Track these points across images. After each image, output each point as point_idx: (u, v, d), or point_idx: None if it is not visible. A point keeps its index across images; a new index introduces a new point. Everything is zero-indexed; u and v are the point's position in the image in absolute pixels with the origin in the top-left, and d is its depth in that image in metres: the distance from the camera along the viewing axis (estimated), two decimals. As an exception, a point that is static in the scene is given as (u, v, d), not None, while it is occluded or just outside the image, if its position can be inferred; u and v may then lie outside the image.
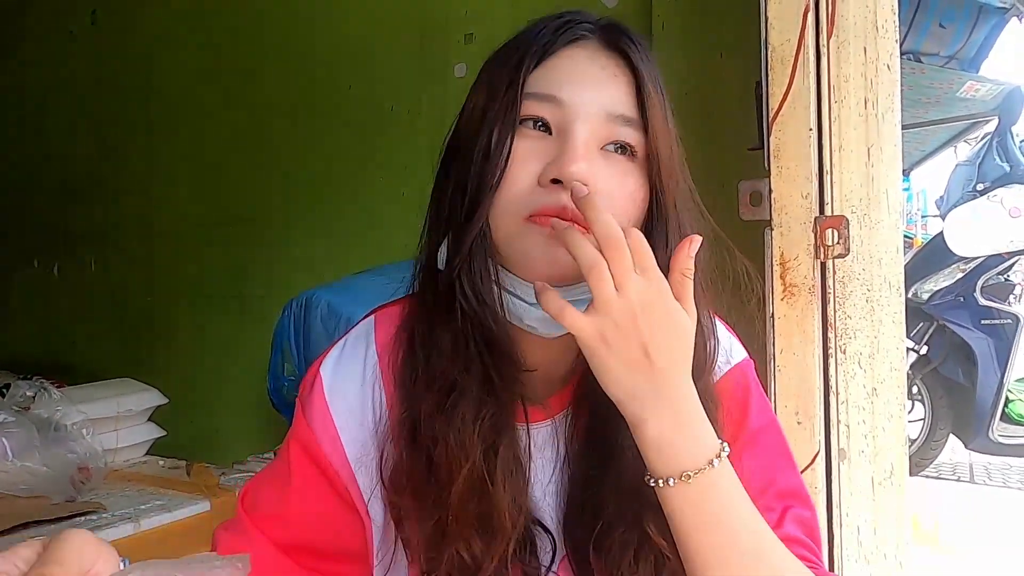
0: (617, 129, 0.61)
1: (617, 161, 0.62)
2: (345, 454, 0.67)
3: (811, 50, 1.07)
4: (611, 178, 0.61)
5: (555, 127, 0.61)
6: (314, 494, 0.68)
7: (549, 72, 0.62)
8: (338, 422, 0.68)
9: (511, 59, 0.63)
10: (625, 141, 0.62)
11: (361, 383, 0.68)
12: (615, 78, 0.62)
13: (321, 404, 0.68)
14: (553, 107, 0.61)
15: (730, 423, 0.65)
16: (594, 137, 0.61)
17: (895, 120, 1.08)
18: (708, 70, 1.53)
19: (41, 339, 3.16)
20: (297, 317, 1.69)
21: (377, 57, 2.24)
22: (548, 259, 0.59)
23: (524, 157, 0.61)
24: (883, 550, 1.09)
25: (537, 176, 0.60)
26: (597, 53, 0.63)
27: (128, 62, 2.84)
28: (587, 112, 0.61)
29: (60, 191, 3.10)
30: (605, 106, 0.61)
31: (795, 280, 1.07)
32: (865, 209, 1.08)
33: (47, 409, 1.54)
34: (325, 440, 0.67)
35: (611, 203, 0.59)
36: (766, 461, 0.66)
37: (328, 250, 2.32)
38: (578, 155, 0.59)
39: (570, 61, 0.63)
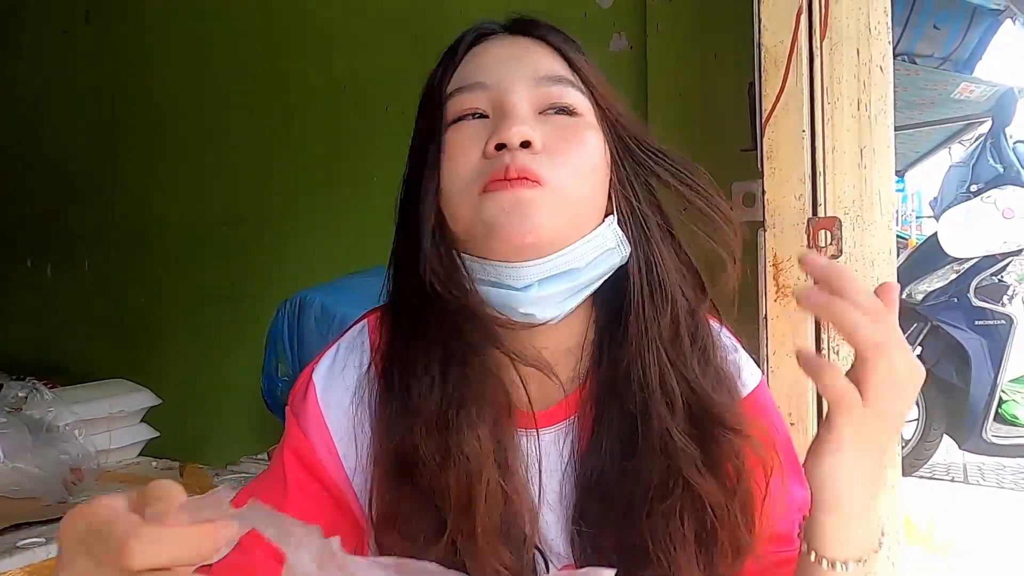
0: (549, 90, 0.61)
1: (561, 120, 0.62)
2: (341, 462, 0.65)
3: (804, 51, 1.07)
4: (556, 134, 0.61)
5: (490, 108, 0.61)
6: (310, 503, 0.66)
7: (466, 68, 0.64)
8: (333, 430, 0.66)
9: (430, 81, 0.66)
10: (563, 101, 0.62)
11: (355, 390, 0.66)
12: (531, 50, 0.63)
13: (316, 412, 0.66)
14: (480, 92, 0.61)
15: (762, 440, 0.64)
16: (530, 103, 0.61)
17: (888, 121, 1.09)
18: (701, 71, 1.53)
19: (34, 340, 3.14)
20: (291, 318, 1.68)
21: (372, 57, 2.24)
22: (511, 227, 0.58)
23: (463, 144, 0.61)
24: (876, 550, 1.10)
25: (482, 153, 0.60)
26: (505, 39, 0.65)
27: (122, 61, 2.84)
28: (514, 82, 0.61)
29: (54, 191, 3.09)
30: (531, 72, 0.62)
31: (788, 281, 1.07)
32: (858, 210, 1.08)
33: (39, 410, 1.54)
34: (321, 448, 0.65)
35: (563, 158, 0.60)
36: (796, 475, 0.65)
37: (323, 250, 2.32)
38: (516, 117, 0.59)
39: (484, 51, 0.64)
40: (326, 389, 0.67)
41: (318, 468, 0.65)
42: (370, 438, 0.65)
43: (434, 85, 0.65)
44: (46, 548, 1.19)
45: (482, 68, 0.63)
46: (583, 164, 0.61)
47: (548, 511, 0.65)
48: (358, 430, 0.66)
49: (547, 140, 0.60)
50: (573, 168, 0.60)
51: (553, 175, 0.59)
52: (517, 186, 0.58)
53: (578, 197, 0.60)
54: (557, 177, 0.59)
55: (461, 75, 0.63)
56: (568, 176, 0.60)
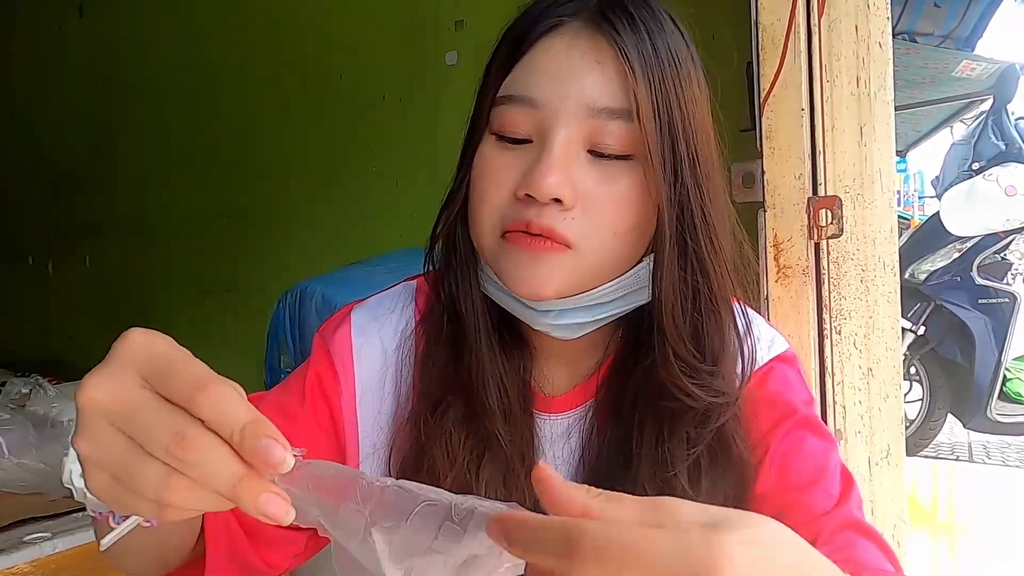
0: (604, 126, 0.55)
1: (608, 166, 0.56)
2: (356, 403, 0.66)
3: (802, 29, 1.06)
4: (596, 184, 0.55)
5: (534, 132, 0.56)
6: (316, 429, 0.67)
7: (526, 69, 0.57)
8: (358, 371, 0.67)
9: (493, 57, 0.60)
10: (614, 145, 0.55)
11: (392, 345, 0.67)
12: (598, 65, 0.55)
13: (345, 343, 0.67)
14: (528, 110, 0.56)
15: (773, 411, 0.63)
16: (578, 138, 0.55)
17: (888, 99, 1.07)
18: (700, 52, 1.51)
19: (37, 336, 3.15)
20: (292, 309, 1.68)
21: (368, 46, 2.23)
22: (525, 280, 0.56)
23: (496, 173, 0.57)
24: (881, 529, 1.09)
25: (513, 189, 0.56)
26: (578, 39, 0.56)
27: (118, 56, 2.82)
28: (566, 111, 0.55)
29: (53, 187, 3.09)
30: (586, 100, 0.55)
31: (789, 261, 1.07)
32: (858, 189, 1.07)
33: (43, 406, 1.54)
34: (342, 379, 0.66)
35: (599, 216, 0.55)
36: (819, 444, 0.64)
37: (323, 241, 2.32)
38: (551, 167, 0.54)
39: (546, 54, 0.56)
40: (363, 329, 0.68)
41: (332, 397, 0.66)
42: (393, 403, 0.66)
43: (491, 66, 0.59)
44: (52, 543, 1.20)
45: (538, 77, 0.56)
46: (621, 222, 0.56)
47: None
48: (384, 388, 0.66)
49: (586, 189, 0.55)
50: (609, 228, 0.56)
51: (583, 238, 0.55)
52: (537, 246, 0.55)
53: (609, 257, 0.57)
54: (587, 240, 0.55)
55: (517, 76, 0.57)
56: (600, 238, 0.56)
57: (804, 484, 0.61)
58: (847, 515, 0.60)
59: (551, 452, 0.66)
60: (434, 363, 0.64)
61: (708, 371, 0.59)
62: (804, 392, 0.67)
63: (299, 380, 0.68)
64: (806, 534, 0.58)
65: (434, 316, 0.65)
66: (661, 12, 0.58)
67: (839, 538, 0.58)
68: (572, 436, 0.66)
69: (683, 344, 0.59)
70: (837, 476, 0.63)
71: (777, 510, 0.61)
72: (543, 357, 0.66)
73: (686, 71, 0.57)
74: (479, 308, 0.62)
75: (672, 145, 0.55)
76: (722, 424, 0.60)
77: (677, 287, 0.58)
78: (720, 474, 0.60)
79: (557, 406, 0.66)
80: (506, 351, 0.63)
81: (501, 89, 0.58)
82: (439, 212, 0.64)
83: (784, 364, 0.67)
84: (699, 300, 0.59)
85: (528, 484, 0.63)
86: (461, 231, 0.62)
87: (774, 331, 0.70)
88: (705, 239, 0.58)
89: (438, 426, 0.61)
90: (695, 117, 0.57)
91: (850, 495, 0.62)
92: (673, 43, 0.57)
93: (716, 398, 0.59)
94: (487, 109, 0.58)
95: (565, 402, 0.66)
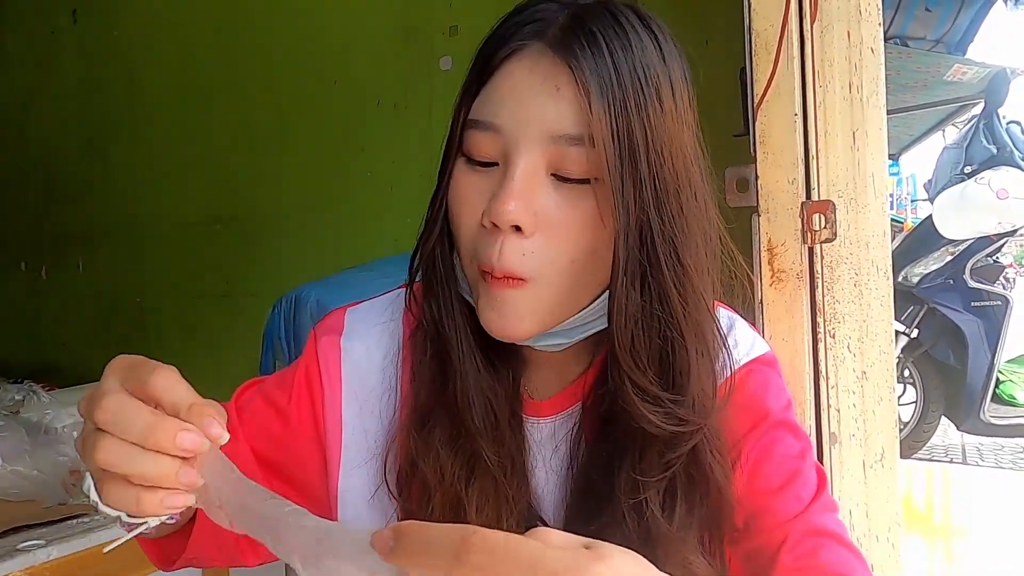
0: (565, 151, 0.54)
1: (569, 191, 0.56)
2: (340, 406, 0.68)
3: (795, 35, 1.07)
4: (558, 207, 0.55)
5: (499, 157, 0.56)
6: (301, 426, 0.69)
7: (490, 93, 0.57)
8: (346, 372, 0.69)
9: (467, 76, 0.60)
10: (574, 171, 0.55)
11: (383, 352, 0.69)
12: (557, 91, 0.54)
13: (335, 346, 0.69)
14: (493, 136, 0.56)
15: (749, 414, 0.64)
16: (540, 163, 0.55)
17: (880, 103, 1.08)
18: (694, 58, 1.52)
19: (30, 342, 3.14)
20: (287, 315, 1.68)
21: (362, 52, 2.23)
22: (495, 321, 0.57)
23: (468, 197, 0.58)
24: (875, 532, 1.10)
25: (480, 218, 0.56)
26: (539, 63, 0.55)
27: (111, 61, 2.82)
28: (527, 137, 0.54)
29: (46, 193, 3.08)
30: (546, 127, 0.54)
31: (783, 266, 1.07)
32: (852, 193, 1.08)
33: (36, 412, 1.53)
34: (327, 381, 0.69)
35: (559, 243, 0.56)
36: (793, 448, 0.64)
37: (317, 247, 2.31)
38: (511, 194, 0.54)
39: (509, 79, 0.56)
40: (354, 335, 0.70)
41: (317, 396, 0.69)
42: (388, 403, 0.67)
43: (464, 91, 0.60)
44: (46, 550, 1.19)
45: (500, 103, 0.56)
46: (579, 248, 0.56)
47: (548, 502, 0.66)
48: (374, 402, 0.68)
49: (548, 214, 0.55)
50: (567, 255, 0.56)
51: (541, 270, 0.56)
52: (501, 286, 0.56)
53: (568, 285, 0.57)
54: (546, 271, 0.56)
55: (482, 101, 0.57)
56: (559, 266, 0.56)
57: (774, 489, 0.62)
58: (815, 520, 0.60)
59: (540, 457, 0.66)
60: (421, 380, 0.64)
61: (671, 399, 0.58)
62: (782, 395, 0.67)
63: (290, 375, 0.71)
64: (774, 539, 0.59)
65: (420, 334, 0.66)
66: (634, 27, 0.56)
67: (805, 543, 0.59)
68: (560, 440, 0.66)
69: (641, 373, 0.57)
70: (810, 480, 0.63)
71: (747, 514, 0.61)
72: (533, 364, 0.67)
73: (652, 89, 0.55)
74: (462, 329, 0.62)
75: (633, 168, 0.54)
76: (698, 450, 0.59)
77: (635, 316, 0.57)
78: (698, 499, 0.60)
79: (546, 410, 0.67)
80: (494, 365, 0.64)
81: (470, 112, 0.58)
82: (419, 237, 0.64)
83: (764, 366, 0.67)
84: (663, 328, 0.58)
85: (520, 490, 0.63)
86: (441, 253, 0.62)
87: (755, 334, 0.70)
88: (670, 264, 0.56)
89: (426, 444, 0.62)
90: (663, 136, 0.55)
91: (820, 499, 0.62)
92: (644, 60, 0.55)
93: (679, 427, 0.58)
94: (459, 131, 0.59)
95: (553, 405, 0.67)
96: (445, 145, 0.60)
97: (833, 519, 0.62)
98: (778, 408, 0.65)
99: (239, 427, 0.69)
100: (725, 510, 0.61)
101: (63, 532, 1.25)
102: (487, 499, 0.61)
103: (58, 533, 1.25)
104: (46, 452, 1.39)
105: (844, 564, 0.58)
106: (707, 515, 0.60)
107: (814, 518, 0.60)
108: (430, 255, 0.62)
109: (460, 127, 0.58)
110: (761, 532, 0.60)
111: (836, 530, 0.60)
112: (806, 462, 0.64)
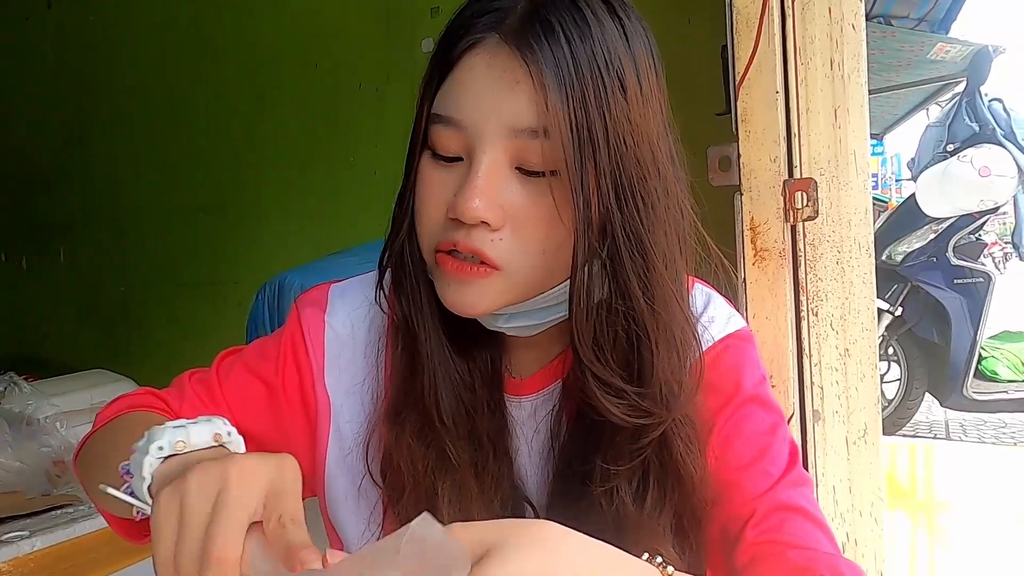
0: (526, 145, 0.54)
1: (533, 184, 0.55)
2: (324, 379, 0.69)
3: (776, 12, 1.06)
4: (524, 201, 0.55)
5: (463, 152, 0.56)
6: (289, 397, 0.69)
7: (451, 87, 0.56)
8: (329, 349, 0.69)
9: (428, 69, 0.58)
10: (536, 163, 0.54)
11: (364, 333, 0.69)
12: (517, 84, 0.53)
13: (319, 321, 0.70)
14: (456, 131, 0.55)
15: (722, 390, 0.63)
16: (503, 158, 0.54)
17: (861, 80, 1.08)
18: (676, 36, 1.51)
19: (12, 334, 3.10)
20: (271, 301, 1.67)
21: (343, 34, 2.20)
22: (454, 302, 0.57)
23: (431, 192, 0.57)
24: (859, 508, 1.11)
25: (446, 209, 0.56)
26: (496, 56, 0.54)
27: (87, 47, 2.77)
28: (489, 132, 0.54)
29: (24, 182, 3.03)
30: (507, 121, 0.53)
31: (766, 244, 1.07)
32: (833, 171, 1.08)
33: (18, 403, 1.52)
34: (312, 354, 0.69)
35: (525, 229, 0.55)
36: (764, 423, 0.64)
37: (301, 232, 2.30)
38: (475, 190, 0.53)
39: (469, 73, 0.55)
40: (337, 312, 0.70)
41: (305, 368, 0.69)
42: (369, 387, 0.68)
43: (425, 84, 0.58)
44: (31, 541, 1.19)
45: (461, 98, 0.55)
46: (550, 239, 0.55)
47: (531, 480, 0.67)
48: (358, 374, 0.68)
49: (514, 208, 0.55)
50: (538, 246, 0.55)
51: (510, 259, 0.55)
52: (463, 272, 0.55)
53: (541, 272, 0.57)
54: (514, 260, 0.55)
55: (444, 93, 0.56)
56: (529, 255, 0.56)
57: (743, 465, 0.62)
58: (782, 495, 0.60)
59: (523, 437, 0.66)
60: (395, 373, 0.65)
61: (635, 392, 0.57)
62: (756, 371, 0.67)
63: (274, 347, 0.70)
64: (741, 514, 0.59)
65: (392, 328, 0.66)
66: (594, 11, 0.55)
67: (772, 518, 0.59)
68: (540, 420, 0.66)
69: (603, 367, 0.57)
70: (780, 456, 0.63)
71: (716, 490, 0.62)
72: (511, 345, 0.67)
73: (614, 76, 0.54)
74: (431, 324, 0.62)
75: (593, 160, 0.53)
76: (669, 440, 0.59)
77: (595, 309, 0.57)
78: (669, 488, 0.60)
79: (526, 388, 0.67)
80: (469, 351, 0.64)
81: (433, 106, 0.57)
82: (387, 233, 0.64)
83: (739, 342, 0.67)
84: (626, 322, 0.57)
85: (504, 472, 0.63)
86: (409, 248, 0.61)
87: (731, 310, 0.70)
88: (632, 257, 0.55)
89: (397, 437, 0.62)
90: (626, 124, 0.54)
91: (790, 475, 0.62)
92: (605, 46, 0.54)
93: (643, 419, 0.57)
94: (423, 126, 0.58)
95: (533, 383, 0.67)
96: (410, 140, 0.60)
97: (802, 494, 0.62)
98: (751, 384, 0.65)
99: (222, 397, 0.69)
100: (697, 499, 0.61)
101: (47, 523, 1.25)
102: (459, 491, 0.61)
103: (42, 524, 1.24)
104: (29, 443, 1.38)
105: (808, 537, 0.58)
106: (680, 503, 0.60)
107: (781, 494, 0.60)
108: (399, 251, 0.62)
109: (424, 121, 0.58)
110: (730, 507, 0.61)
111: (803, 505, 0.60)
112: (776, 437, 0.64)
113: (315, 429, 0.69)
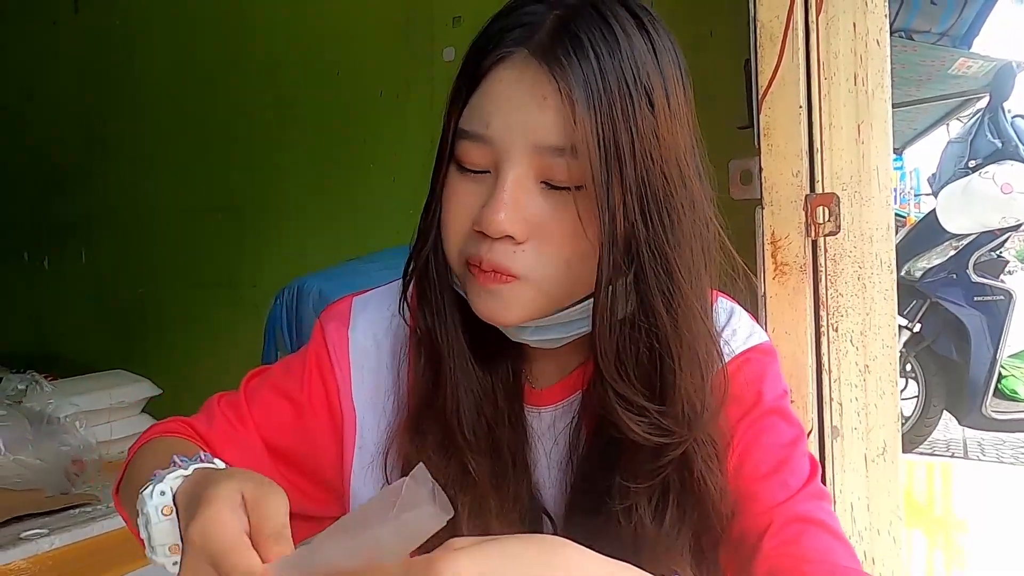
0: (551, 162, 0.54)
1: (558, 198, 0.55)
2: (351, 392, 0.69)
3: (800, 27, 1.06)
4: (550, 215, 0.55)
5: (490, 165, 0.56)
6: (317, 414, 0.70)
7: (479, 102, 0.56)
8: (354, 359, 0.70)
9: (455, 82, 0.59)
10: (561, 179, 0.54)
11: (388, 345, 0.70)
12: (544, 101, 0.53)
13: (343, 335, 0.70)
14: (483, 146, 0.55)
15: (742, 401, 0.63)
16: (529, 173, 0.55)
17: (885, 96, 1.08)
18: (699, 49, 1.52)
19: (33, 332, 3.14)
20: (289, 305, 1.68)
21: (364, 42, 2.22)
22: (486, 310, 0.57)
23: (459, 203, 0.57)
24: (877, 526, 1.10)
25: (472, 221, 0.56)
26: (525, 72, 0.54)
27: (112, 50, 2.81)
28: (516, 148, 0.54)
29: (47, 183, 3.07)
30: (534, 138, 0.54)
31: (786, 259, 1.07)
32: (856, 186, 1.07)
33: (39, 402, 1.54)
34: (338, 369, 0.70)
35: (550, 248, 0.55)
36: (784, 435, 0.64)
37: (319, 237, 2.31)
38: (501, 203, 0.54)
39: (497, 86, 0.55)
40: (360, 325, 0.71)
41: (331, 382, 0.70)
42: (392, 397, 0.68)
43: (453, 97, 0.59)
44: (49, 539, 1.20)
45: (489, 113, 0.55)
46: (574, 252, 0.56)
47: (549, 493, 0.66)
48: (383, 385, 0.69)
49: (539, 220, 0.55)
50: (561, 258, 0.56)
51: (534, 270, 0.56)
52: (490, 280, 0.56)
53: (564, 284, 0.57)
54: (538, 271, 0.56)
55: (472, 108, 0.57)
56: (552, 267, 0.56)
57: (762, 475, 0.61)
58: (801, 507, 0.60)
59: (542, 448, 0.66)
60: (417, 384, 0.65)
61: (657, 410, 0.57)
62: (778, 384, 0.67)
63: (299, 364, 0.71)
64: (758, 524, 0.59)
65: (415, 339, 0.66)
66: (623, 26, 0.54)
67: (790, 529, 0.58)
68: (559, 431, 0.66)
69: (625, 384, 0.57)
70: (799, 468, 0.62)
71: (734, 499, 0.61)
72: (532, 356, 0.67)
73: (642, 91, 0.54)
74: (454, 336, 0.62)
75: (619, 175, 0.53)
76: (690, 459, 0.59)
77: (618, 326, 0.56)
78: (689, 507, 0.60)
79: (546, 399, 0.67)
80: (491, 362, 0.64)
81: (460, 120, 0.57)
82: (412, 244, 0.64)
83: (761, 356, 0.67)
84: (649, 339, 0.57)
85: (523, 484, 0.63)
86: (435, 259, 0.62)
87: (754, 323, 0.70)
88: (657, 274, 0.55)
89: (418, 449, 0.62)
90: (653, 139, 0.54)
91: (808, 487, 0.61)
92: (633, 61, 0.54)
93: (664, 437, 0.57)
94: (450, 139, 0.58)
95: (553, 394, 0.67)
96: (437, 152, 0.60)
97: (820, 507, 0.61)
98: (772, 396, 0.65)
99: (249, 416, 0.70)
100: (717, 519, 0.60)
101: (65, 521, 1.26)
102: (479, 505, 0.61)
103: (60, 522, 1.25)
104: (48, 441, 1.39)
105: (827, 550, 0.57)
106: (699, 523, 0.60)
107: (800, 505, 0.60)
108: (424, 262, 0.62)
109: (451, 135, 0.58)
110: (747, 518, 0.60)
111: (822, 518, 0.60)
112: (797, 450, 0.63)
113: (342, 442, 0.69)
